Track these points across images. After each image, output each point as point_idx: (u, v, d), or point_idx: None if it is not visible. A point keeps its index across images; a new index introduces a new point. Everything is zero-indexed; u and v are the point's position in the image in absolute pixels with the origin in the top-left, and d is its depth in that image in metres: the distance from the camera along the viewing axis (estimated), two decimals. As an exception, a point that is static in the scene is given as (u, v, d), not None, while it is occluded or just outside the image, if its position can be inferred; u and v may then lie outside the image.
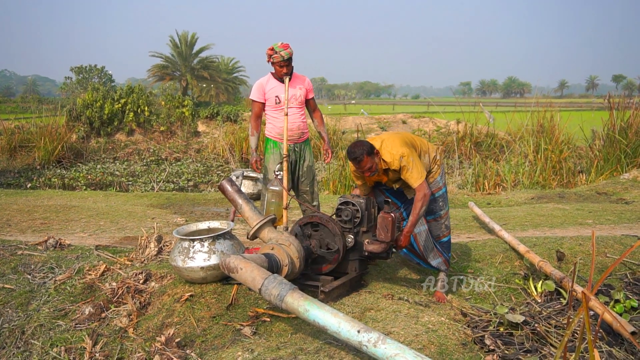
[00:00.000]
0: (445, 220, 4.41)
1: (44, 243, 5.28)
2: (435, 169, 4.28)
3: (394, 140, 4.08)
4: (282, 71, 5.28)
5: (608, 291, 4.24)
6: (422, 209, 3.96)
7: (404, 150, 3.99)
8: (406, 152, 3.97)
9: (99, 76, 54.96)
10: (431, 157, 4.27)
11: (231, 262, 3.30)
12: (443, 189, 4.35)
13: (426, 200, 3.96)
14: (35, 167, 16.49)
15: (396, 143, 4.05)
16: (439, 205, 4.35)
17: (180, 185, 14.37)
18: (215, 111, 24.42)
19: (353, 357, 3.08)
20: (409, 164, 3.95)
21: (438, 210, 4.36)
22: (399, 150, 3.98)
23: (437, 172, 4.29)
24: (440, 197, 4.33)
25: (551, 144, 12.32)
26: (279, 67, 5.29)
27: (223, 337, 3.60)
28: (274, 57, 5.21)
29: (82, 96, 23.57)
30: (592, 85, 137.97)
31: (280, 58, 5.20)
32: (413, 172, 3.95)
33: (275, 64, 5.27)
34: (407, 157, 3.96)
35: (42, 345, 4.00)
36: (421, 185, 3.95)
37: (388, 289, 4.25)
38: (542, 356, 3.22)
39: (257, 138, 5.58)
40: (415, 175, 3.95)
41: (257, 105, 5.47)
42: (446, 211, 4.40)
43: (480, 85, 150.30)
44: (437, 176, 4.28)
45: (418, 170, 3.96)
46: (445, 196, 4.38)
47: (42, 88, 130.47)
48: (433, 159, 4.28)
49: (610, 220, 6.86)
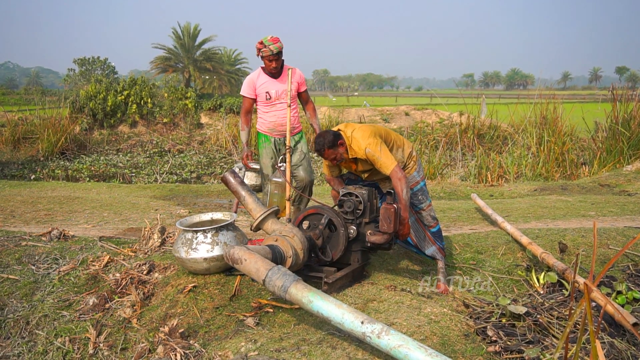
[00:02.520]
0: (430, 212, 4.47)
1: (47, 234, 5.30)
2: (412, 165, 4.36)
3: (364, 132, 4.14)
4: (271, 65, 5.20)
5: (610, 283, 4.24)
6: (404, 191, 3.98)
7: (370, 140, 4.04)
8: (372, 142, 4.03)
9: (102, 68, 54.87)
10: (406, 152, 4.34)
11: (235, 253, 3.31)
12: (421, 183, 4.42)
13: (403, 182, 3.98)
14: (38, 159, 16.53)
15: (365, 134, 4.11)
16: (419, 199, 4.42)
17: (183, 177, 14.39)
18: (218, 103, 24.42)
19: (355, 348, 3.09)
20: (376, 153, 4.01)
21: (419, 204, 4.44)
22: (365, 141, 4.04)
23: (414, 168, 4.36)
24: (418, 191, 4.40)
25: (554, 136, 12.29)
26: (268, 62, 5.21)
27: (226, 327, 3.62)
28: (263, 51, 5.13)
29: (85, 88, 23.60)
30: (595, 77, 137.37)
31: (269, 52, 5.11)
32: (382, 160, 4.00)
33: (265, 58, 5.19)
34: (373, 146, 4.01)
35: (47, 335, 4.03)
36: (394, 170, 3.98)
37: (390, 280, 4.26)
38: (544, 347, 3.23)
39: (247, 133, 5.55)
40: (387, 163, 3.99)
41: (248, 101, 5.41)
42: (428, 204, 4.46)
43: (483, 77, 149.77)
44: (413, 172, 4.36)
45: (387, 157, 4.01)
46: (424, 189, 4.44)
47: (45, 80, 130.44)
48: (409, 155, 4.36)
49: (613, 212, 6.85)
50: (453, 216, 6.95)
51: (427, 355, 2.57)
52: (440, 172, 12.15)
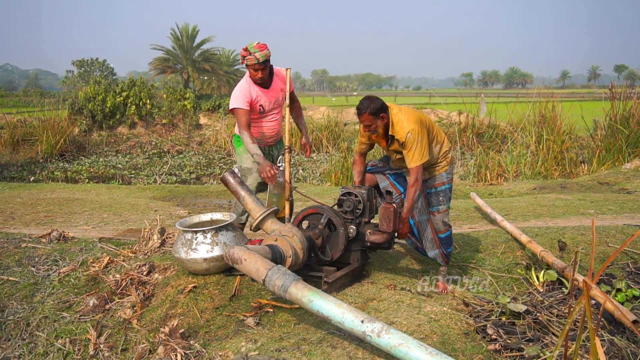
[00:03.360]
0: (444, 217, 4.34)
1: (47, 236, 5.30)
2: (444, 164, 4.27)
3: (411, 115, 4.03)
4: (256, 75, 4.67)
5: (610, 280, 4.25)
6: (415, 193, 3.95)
7: (415, 126, 3.94)
8: (416, 129, 3.93)
9: (101, 69, 54.94)
10: (443, 150, 4.26)
11: (235, 253, 3.31)
12: (447, 184, 4.31)
13: (418, 185, 3.94)
14: (38, 161, 16.53)
15: (411, 117, 4.00)
16: (439, 200, 4.31)
17: (182, 178, 14.39)
18: (217, 104, 24.42)
19: (356, 347, 3.10)
20: (415, 142, 3.91)
21: (436, 205, 4.32)
22: (410, 125, 3.95)
23: (444, 168, 4.27)
24: (442, 191, 4.30)
25: (553, 135, 12.30)
26: (253, 71, 4.66)
27: (226, 327, 3.62)
28: (248, 59, 4.58)
29: (84, 90, 23.59)
30: (594, 75, 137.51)
31: (254, 60, 4.57)
32: (415, 152, 3.92)
33: (250, 66, 4.64)
34: (415, 133, 3.91)
35: (47, 336, 4.03)
36: (416, 168, 3.93)
37: (390, 280, 4.26)
38: (544, 345, 3.24)
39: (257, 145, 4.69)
40: (416, 157, 3.93)
41: (246, 113, 4.70)
42: (445, 208, 4.34)
43: (482, 76, 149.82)
44: (442, 171, 4.27)
45: (420, 152, 3.93)
46: (447, 193, 4.33)
47: (44, 82, 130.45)
48: (444, 154, 4.27)
49: (612, 210, 6.86)
50: (452, 215, 6.95)
51: (427, 353, 2.58)
52: (439, 171, 12.12)
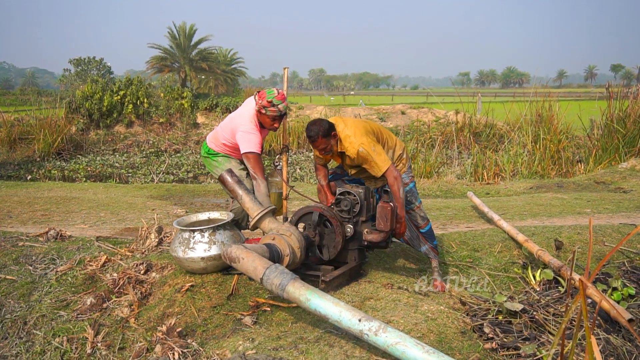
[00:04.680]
0: (420, 212, 4.44)
1: (45, 234, 5.30)
2: (400, 167, 4.30)
3: (357, 128, 4.03)
4: (273, 125, 4.46)
5: (606, 279, 4.27)
6: (400, 190, 3.95)
7: (363, 140, 3.94)
8: (366, 142, 3.93)
9: (98, 68, 54.80)
10: (396, 154, 4.29)
11: (233, 252, 3.32)
12: (410, 184, 4.37)
13: (399, 182, 3.94)
14: (35, 159, 16.50)
15: (358, 131, 4.00)
16: (408, 200, 4.36)
17: (180, 177, 14.38)
18: (214, 102, 24.40)
19: (353, 345, 3.10)
20: (370, 154, 3.91)
21: (408, 204, 4.38)
22: (359, 140, 3.94)
23: (402, 170, 4.30)
24: (407, 192, 4.34)
25: (550, 134, 12.32)
26: (270, 120, 4.43)
27: (224, 326, 3.63)
28: (270, 110, 4.36)
29: (81, 88, 23.54)
30: (591, 74, 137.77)
31: (277, 113, 4.39)
32: (376, 161, 3.92)
33: (268, 116, 4.41)
34: (366, 146, 3.92)
35: (44, 335, 4.03)
36: (388, 170, 3.93)
37: (387, 279, 4.27)
38: (541, 344, 3.25)
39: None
40: (380, 164, 3.92)
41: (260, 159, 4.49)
42: (418, 204, 4.44)
43: (479, 76, 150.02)
44: (402, 174, 4.28)
45: (381, 158, 3.92)
46: (413, 191, 4.40)
47: (41, 80, 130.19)
48: (398, 157, 4.30)
49: (609, 209, 6.88)
50: (449, 214, 6.96)
51: (424, 352, 2.59)
52: (436, 170, 12.16)
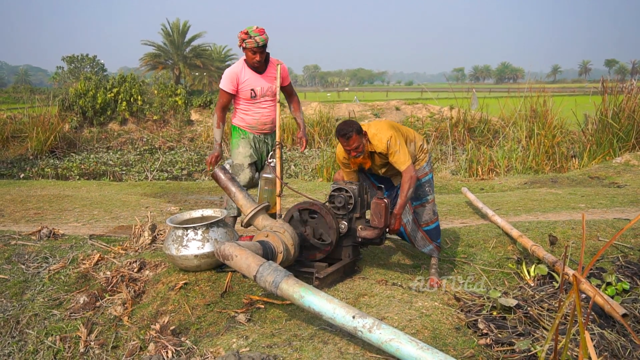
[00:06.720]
0: (433, 206, 4.49)
1: (37, 233, 5.27)
2: (422, 157, 4.41)
3: (382, 125, 4.21)
4: (254, 58, 4.81)
5: (600, 274, 4.27)
6: (409, 190, 4.03)
7: (391, 133, 4.09)
8: (393, 135, 4.07)
9: (91, 65, 54.55)
10: (417, 145, 4.38)
11: (226, 249, 3.31)
12: (429, 175, 4.47)
13: (413, 182, 4.03)
14: (28, 158, 16.40)
15: (384, 127, 4.17)
16: (425, 191, 4.43)
17: (174, 174, 14.33)
18: (209, 99, 24.30)
19: (347, 343, 3.10)
20: (396, 146, 4.04)
21: (424, 196, 4.44)
22: (386, 134, 4.08)
23: (424, 160, 4.41)
24: (426, 182, 4.42)
25: (544, 129, 12.33)
26: (251, 54, 4.80)
27: (217, 324, 3.62)
28: (248, 42, 4.73)
29: (74, 86, 23.41)
30: (585, 70, 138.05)
31: (254, 44, 4.72)
32: (400, 155, 4.04)
33: (248, 49, 4.78)
34: (394, 139, 4.05)
35: (37, 334, 4.01)
36: (408, 168, 4.03)
37: (382, 275, 4.27)
38: (535, 339, 3.25)
39: (222, 131, 5.12)
40: (402, 159, 4.04)
41: (227, 96, 4.97)
42: (433, 197, 4.50)
43: (474, 71, 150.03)
44: (423, 163, 4.40)
45: (405, 154, 4.06)
46: (431, 182, 4.48)
47: (34, 78, 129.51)
48: (420, 148, 4.40)
49: (603, 204, 6.89)
50: (444, 210, 6.96)
51: (418, 348, 2.58)
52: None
